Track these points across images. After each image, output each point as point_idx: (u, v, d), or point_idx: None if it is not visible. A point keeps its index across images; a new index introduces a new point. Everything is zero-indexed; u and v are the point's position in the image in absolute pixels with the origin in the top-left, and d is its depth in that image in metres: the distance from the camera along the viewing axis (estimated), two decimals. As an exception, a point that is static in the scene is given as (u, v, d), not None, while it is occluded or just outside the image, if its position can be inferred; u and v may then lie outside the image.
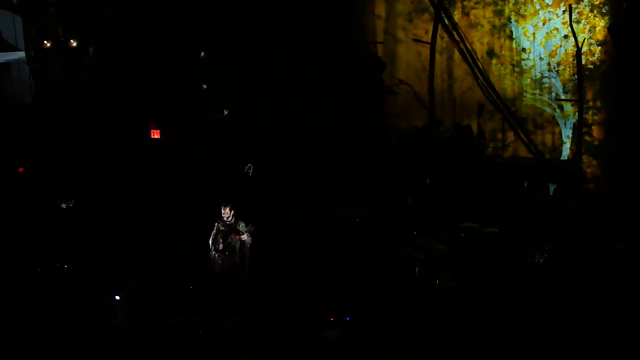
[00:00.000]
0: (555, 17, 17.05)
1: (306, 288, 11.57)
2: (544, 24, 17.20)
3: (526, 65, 17.52)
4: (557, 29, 17.07)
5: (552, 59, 17.26)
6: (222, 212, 11.13)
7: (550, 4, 17.03)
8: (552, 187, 15.25)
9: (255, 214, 12.11)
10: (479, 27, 17.74)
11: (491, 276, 11.74)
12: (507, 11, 17.52)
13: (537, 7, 17.16)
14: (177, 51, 16.22)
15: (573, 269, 11.86)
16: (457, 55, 17.83)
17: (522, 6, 17.32)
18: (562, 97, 17.23)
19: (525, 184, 14.55)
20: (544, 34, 17.24)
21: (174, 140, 15.93)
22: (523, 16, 17.36)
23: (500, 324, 10.28)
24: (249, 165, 14.24)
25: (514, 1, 17.40)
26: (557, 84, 17.25)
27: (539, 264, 11.90)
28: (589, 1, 16.69)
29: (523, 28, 17.40)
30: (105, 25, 16.40)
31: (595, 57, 16.82)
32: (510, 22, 17.50)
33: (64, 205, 13.38)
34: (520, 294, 11.11)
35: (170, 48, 16.27)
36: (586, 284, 11.34)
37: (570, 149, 17.13)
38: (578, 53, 16.64)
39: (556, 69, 17.23)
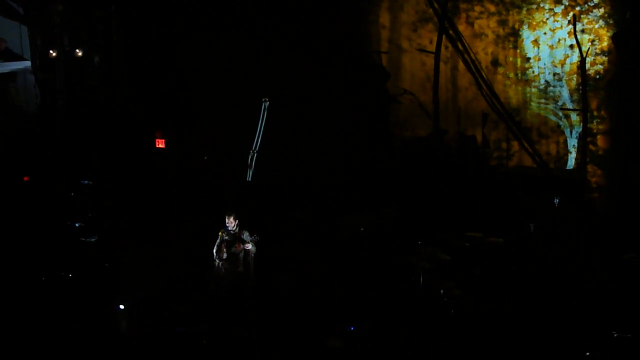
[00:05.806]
0: (561, 26, 17.06)
1: (311, 297, 11.57)
2: (549, 34, 17.22)
3: (531, 74, 17.52)
4: (563, 38, 17.08)
5: (558, 69, 17.27)
6: (227, 221, 11.14)
7: (558, 12, 17.03)
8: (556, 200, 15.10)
9: (260, 223, 12.11)
10: (484, 36, 17.77)
11: (496, 285, 11.73)
12: (511, 21, 17.54)
13: (546, 17, 17.17)
14: (184, 59, 16.24)
15: (580, 278, 11.83)
16: (461, 65, 17.84)
17: (528, 16, 17.34)
18: (568, 106, 17.22)
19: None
20: (550, 44, 17.25)
21: (179, 149, 15.95)
22: (528, 26, 17.37)
23: (506, 333, 10.26)
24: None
25: (519, 11, 17.41)
26: (563, 94, 17.25)
27: (544, 273, 11.88)
28: (594, 11, 16.71)
29: (528, 38, 17.42)
30: (112, 35, 16.45)
31: (600, 67, 16.82)
32: (515, 31, 17.51)
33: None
34: (526, 303, 11.09)
35: (177, 56, 16.31)
36: (593, 294, 11.31)
37: (575, 158, 17.10)
38: (582, 62, 16.65)
39: (562, 78, 17.23)
